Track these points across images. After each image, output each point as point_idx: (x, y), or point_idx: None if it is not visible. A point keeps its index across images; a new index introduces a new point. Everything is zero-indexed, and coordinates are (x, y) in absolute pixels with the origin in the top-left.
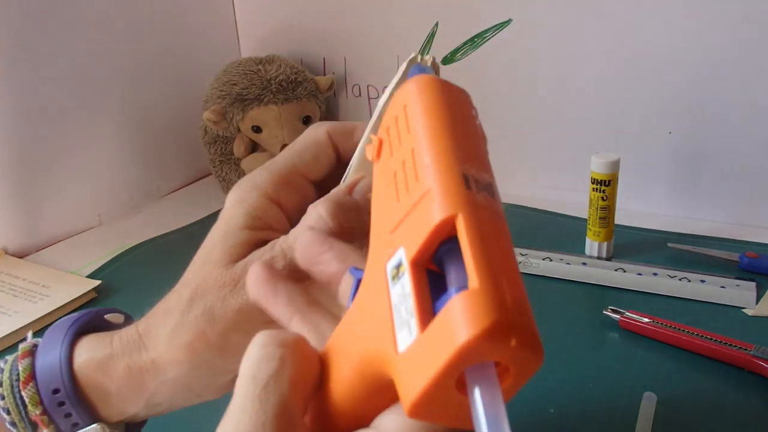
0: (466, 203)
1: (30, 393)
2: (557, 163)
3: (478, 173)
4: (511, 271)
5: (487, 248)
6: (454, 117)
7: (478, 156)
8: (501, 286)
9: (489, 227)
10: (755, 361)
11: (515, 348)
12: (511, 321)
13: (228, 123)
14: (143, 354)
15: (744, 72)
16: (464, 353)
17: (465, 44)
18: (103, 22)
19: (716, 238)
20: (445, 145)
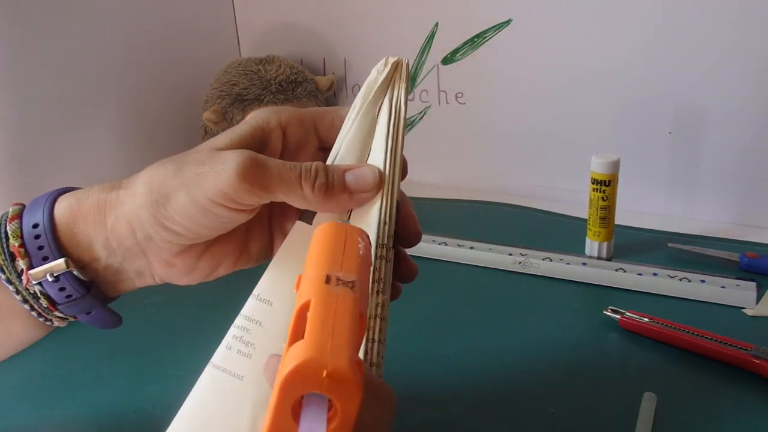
0: (318, 292)
1: (13, 227)
2: (557, 163)
3: (343, 274)
4: (340, 335)
5: (322, 318)
6: (335, 243)
7: (348, 265)
8: (323, 341)
9: (334, 307)
10: (755, 361)
11: (327, 379)
12: (324, 360)
13: (228, 123)
14: (113, 191)
15: (744, 72)
16: (287, 383)
17: (465, 44)
18: (103, 22)
19: (716, 238)
20: (320, 260)
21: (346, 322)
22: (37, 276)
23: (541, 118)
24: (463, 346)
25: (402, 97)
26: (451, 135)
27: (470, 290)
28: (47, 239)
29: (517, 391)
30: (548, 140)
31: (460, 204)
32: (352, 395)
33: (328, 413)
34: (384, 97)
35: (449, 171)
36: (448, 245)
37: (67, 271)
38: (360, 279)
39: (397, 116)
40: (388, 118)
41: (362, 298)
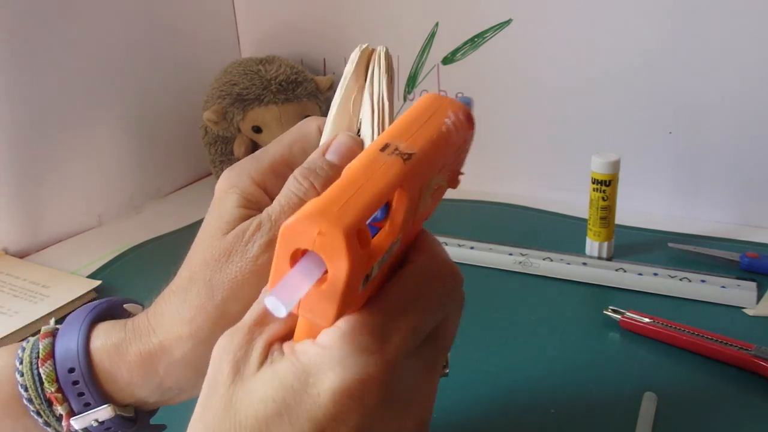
0: (365, 156)
1: (47, 371)
2: (557, 163)
3: (405, 145)
4: (357, 199)
5: (351, 180)
6: (419, 114)
7: (417, 137)
8: (335, 201)
9: (371, 172)
10: (755, 361)
11: (319, 237)
12: (323, 218)
13: (228, 123)
14: (152, 337)
15: (745, 72)
16: (285, 233)
17: (465, 44)
18: (103, 22)
19: (717, 238)
20: (393, 126)
21: (373, 189)
22: (81, 423)
23: (541, 117)
24: (462, 346)
25: (384, 91)
26: None
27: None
28: (88, 387)
29: (517, 390)
30: (548, 140)
31: (461, 204)
32: (341, 259)
33: (322, 275)
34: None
35: None
36: (449, 245)
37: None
38: (424, 154)
39: (381, 113)
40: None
41: (413, 174)
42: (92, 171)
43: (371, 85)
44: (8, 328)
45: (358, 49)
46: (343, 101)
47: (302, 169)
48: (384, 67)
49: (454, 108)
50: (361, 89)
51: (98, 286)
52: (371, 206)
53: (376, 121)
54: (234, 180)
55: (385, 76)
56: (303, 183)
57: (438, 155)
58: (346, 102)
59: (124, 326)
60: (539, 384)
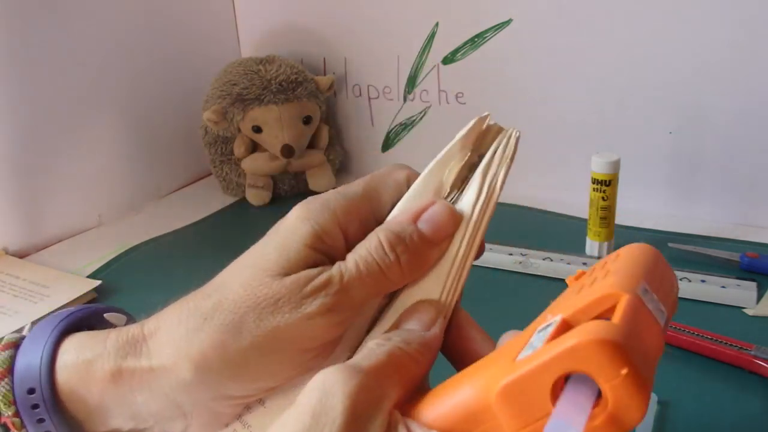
0: (632, 291)
1: (3, 390)
2: (557, 163)
3: (660, 298)
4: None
5: (634, 317)
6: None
7: (665, 296)
8: (637, 334)
9: (646, 319)
10: (755, 361)
11: (624, 377)
12: (631, 354)
13: (228, 123)
14: (142, 359)
15: (744, 72)
16: (571, 352)
17: (465, 44)
18: (103, 22)
19: (716, 238)
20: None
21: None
22: None
23: (541, 117)
24: None
25: (500, 179)
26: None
27: (470, 290)
28: (49, 414)
29: None
30: (548, 140)
31: None
32: (638, 408)
33: (594, 408)
34: (463, 162)
35: None
36: None
37: None
38: (668, 319)
39: (488, 200)
40: (476, 197)
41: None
42: (92, 171)
43: (488, 165)
44: (8, 328)
45: (478, 118)
46: (440, 164)
47: (389, 234)
48: (510, 154)
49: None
50: (467, 162)
51: (98, 286)
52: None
53: (479, 205)
54: (313, 211)
55: (506, 163)
56: (389, 253)
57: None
58: (442, 166)
59: (105, 339)
60: None
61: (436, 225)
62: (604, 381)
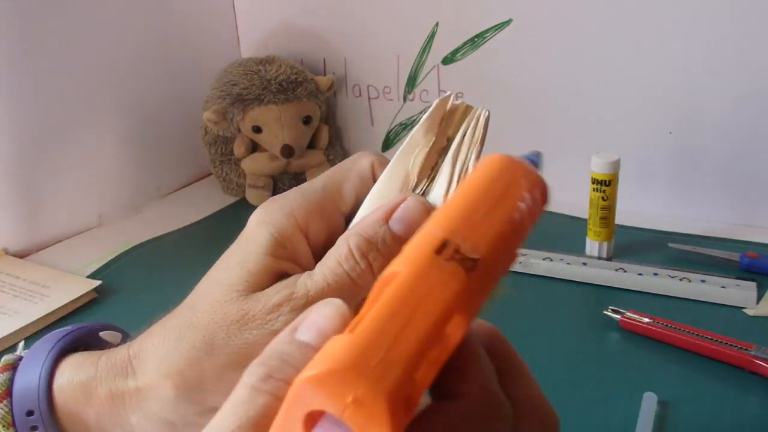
0: (417, 263)
1: (2, 412)
2: (557, 163)
3: (468, 245)
4: (405, 342)
5: (397, 306)
6: (486, 191)
7: (485, 232)
8: (375, 346)
9: (426, 292)
10: (755, 361)
11: (352, 406)
12: (358, 378)
13: (228, 123)
14: (129, 380)
15: (744, 72)
16: (300, 391)
17: (465, 44)
18: (103, 22)
19: (716, 238)
20: (447, 214)
21: (426, 323)
22: None
23: (541, 117)
24: None
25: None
26: None
27: None
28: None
29: None
30: (548, 140)
31: None
32: (378, 424)
33: None
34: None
35: None
36: None
37: None
38: (490, 259)
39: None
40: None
41: (477, 290)
42: (92, 171)
43: (458, 150)
44: (8, 328)
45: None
46: (404, 153)
47: (360, 240)
48: (480, 136)
49: (530, 185)
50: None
51: (98, 286)
52: (423, 351)
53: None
54: (271, 215)
55: (477, 147)
56: (360, 262)
57: (508, 256)
58: (407, 155)
59: (97, 361)
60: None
61: (410, 223)
62: (338, 414)
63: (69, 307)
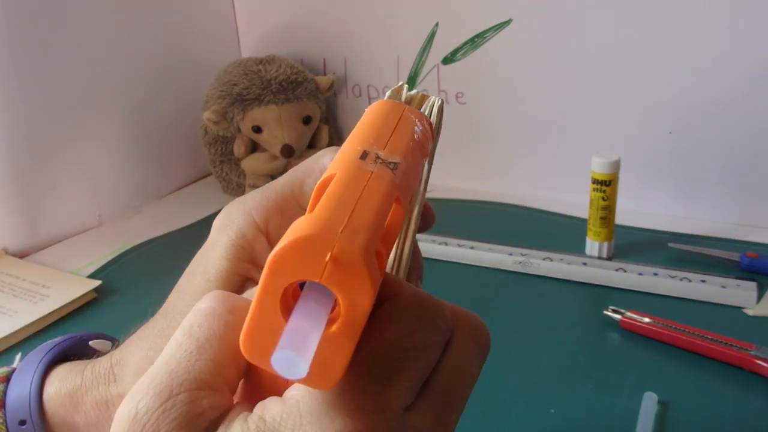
0: (348, 166)
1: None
2: (557, 163)
3: (385, 153)
4: (360, 216)
5: (342, 194)
6: (385, 120)
7: (395, 145)
8: (336, 218)
9: (363, 184)
10: (755, 361)
11: (331, 264)
12: (331, 239)
13: (228, 123)
14: (111, 387)
15: (744, 71)
16: (278, 262)
17: (465, 44)
18: (103, 22)
19: (716, 238)
20: (361, 132)
21: (373, 203)
22: None
23: (541, 118)
24: None
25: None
26: (451, 135)
27: (470, 290)
28: None
29: (517, 391)
30: (548, 140)
31: (461, 204)
32: (362, 290)
33: (331, 314)
34: None
35: (449, 171)
36: (448, 245)
37: None
38: (407, 164)
39: None
40: None
41: (404, 186)
42: (92, 171)
43: None
44: (8, 328)
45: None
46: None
47: None
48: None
49: (417, 115)
50: None
51: (98, 286)
52: (380, 221)
53: None
54: (230, 218)
55: None
56: None
57: (417, 166)
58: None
59: (83, 370)
60: (539, 384)
61: None
62: (317, 277)
63: (69, 307)
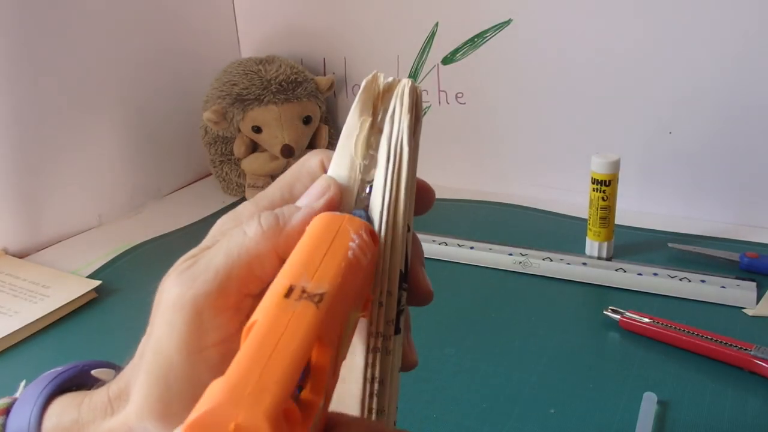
0: (270, 309)
1: None
2: (557, 163)
3: (312, 284)
4: (272, 370)
5: (258, 345)
6: (318, 242)
7: (324, 271)
8: (246, 379)
9: (282, 330)
10: (755, 361)
11: (238, 430)
12: (235, 408)
13: (228, 123)
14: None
15: (744, 71)
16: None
17: (465, 44)
18: (103, 22)
19: (716, 238)
20: (290, 265)
21: (289, 350)
22: None
23: (541, 117)
24: (462, 346)
25: (404, 135)
26: (451, 135)
27: (470, 290)
28: None
29: (517, 391)
30: (548, 140)
31: (460, 204)
32: None
33: None
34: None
35: (449, 171)
36: (448, 245)
37: None
38: (335, 291)
39: (397, 163)
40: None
41: (330, 318)
42: (92, 171)
43: (391, 126)
44: (8, 328)
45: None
46: (345, 139)
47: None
48: (407, 105)
49: (355, 227)
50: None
51: (98, 286)
52: (292, 374)
53: (390, 172)
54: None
55: (407, 117)
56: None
57: (352, 287)
58: (347, 140)
59: (80, 404)
60: (539, 384)
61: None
62: None
63: (69, 307)
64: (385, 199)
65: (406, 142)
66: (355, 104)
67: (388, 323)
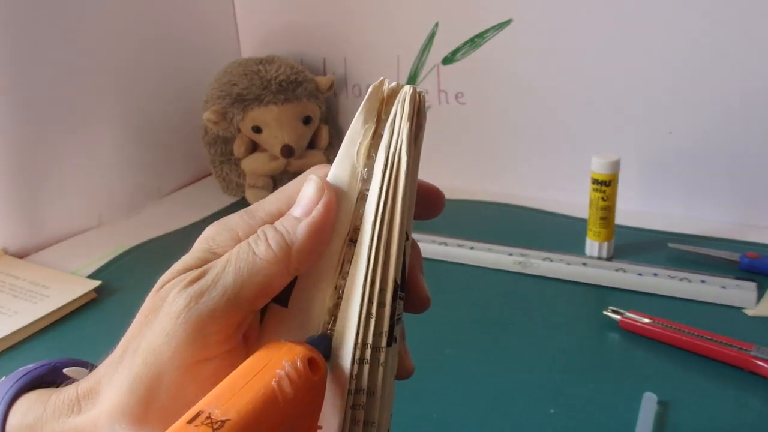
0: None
1: None
2: (557, 163)
3: (220, 411)
4: None
5: None
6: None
7: (238, 399)
8: None
9: None
10: (755, 361)
11: None
12: None
13: (228, 123)
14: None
15: (744, 71)
16: None
17: (465, 44)
18: (103, 21)
19: (716, 238)
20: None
21: None
22: None
23: (541, 118)
24: (462, 346)
25: (403, 143)
26: (451, 135)
27: (470, 290)
28: None
29: (517, 391)
30: (548, 140)
31: (460, 204)
32: None
33: None
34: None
35: (449, 171)
36: (448, 245)
37: None
38: (243, 421)
39: (394, 173)
40: (381, 175)
41: None
42: (92, 171)
43: (390, 134)
44: (8, 328)
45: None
46: (348, 145)
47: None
48: (408, 113)
49: (290, 356)
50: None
51: (98, 286)
52: None
53: (386, 182)
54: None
55: (407, 125)
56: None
57: (272, 417)
58: (350, 147)
59: (45, 401)
60: (539, 384)
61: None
62: None
63: (69, 307)
64: (379, 209)
65: (405, 150)
66: (360, 111)
67: (379, 335)
